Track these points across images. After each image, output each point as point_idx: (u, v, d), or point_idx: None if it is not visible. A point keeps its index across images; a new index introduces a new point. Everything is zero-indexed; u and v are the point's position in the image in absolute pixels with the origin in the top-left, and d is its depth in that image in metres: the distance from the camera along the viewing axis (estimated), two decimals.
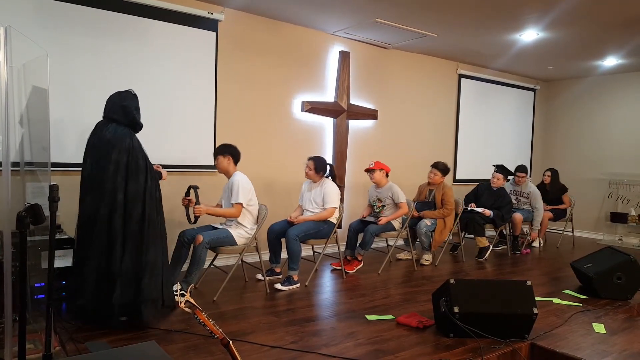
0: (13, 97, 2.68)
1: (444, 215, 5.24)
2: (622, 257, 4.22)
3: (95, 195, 3.09)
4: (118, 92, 3.32)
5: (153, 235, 3.18)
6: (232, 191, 3.94)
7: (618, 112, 7.53)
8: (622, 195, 7.38)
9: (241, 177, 4.02)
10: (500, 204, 5.75)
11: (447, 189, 5.33)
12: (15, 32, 2.33)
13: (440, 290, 3.23)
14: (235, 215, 3.92)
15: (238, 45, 4.98)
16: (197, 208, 3.74)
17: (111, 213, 3.05)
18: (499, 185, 5.85)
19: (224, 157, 4.03)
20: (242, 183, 3.96)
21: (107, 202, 3.06)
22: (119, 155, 3.12)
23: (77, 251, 3.21)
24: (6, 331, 2.29)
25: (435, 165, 5.39)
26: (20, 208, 1.94)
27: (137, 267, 3.09)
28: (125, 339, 2.92)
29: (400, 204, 4.93)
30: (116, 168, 3.10)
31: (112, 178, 3.08)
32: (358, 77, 5.96)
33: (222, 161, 4.03)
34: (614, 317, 3.63)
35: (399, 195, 4.93)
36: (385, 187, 5.01)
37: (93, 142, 3.23)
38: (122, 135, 3.17)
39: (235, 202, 3.90)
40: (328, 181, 4.56)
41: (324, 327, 3.27)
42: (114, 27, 4.22)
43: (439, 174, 5.36)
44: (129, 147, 3.16)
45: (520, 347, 3.00)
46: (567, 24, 5.02)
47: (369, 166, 5.04)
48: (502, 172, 5.86)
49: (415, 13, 4.80)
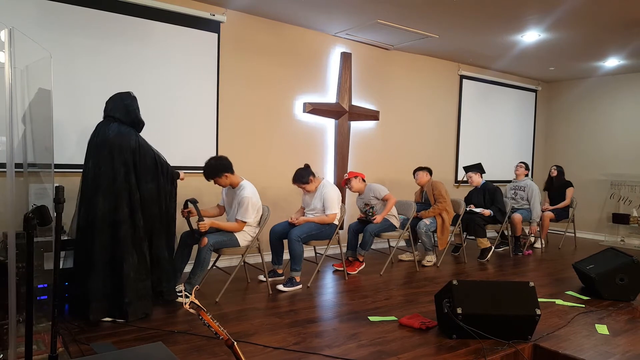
0: (17, 99, 2.69)
1: (440, 210, 5.23)
2: (625, 258, 4.22)
3: (107, 198, 3.12)
4: (119, 93, 3.35)
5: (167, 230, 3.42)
6: (241, 207, 3.87)
7: (620, 113, 7.53)
8: (624, 196, 7.38)
9: (250, 191, 3.90)
10: (491, 199, 5.75)
11: (436, 183, 5.36)
12: (19, 33, 2.34)
13: (443, 292, 3.23)
14: (239, 230, 3.91)
15: (240, 46, 4.98)
16: (202, 225, 3.69)
17: (132, 213, 3.18)
18: (477, 182, 5.88)
19: (221, 178, 3.89)
20: (252, 200, 3.87)
21: (125, 203, 3.15)
22: (127, 156, 3.15)
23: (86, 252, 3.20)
24: (10, 332, 2.29)
25: (416, 170, 5.52)
26: (24, 209, 1.94)
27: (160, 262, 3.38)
28: (129, 340, 2.92)
29: (385, 197, 4.91)
30: (127, 170, 3.16)
31: (126, 179, 3.14)
32: (360, 78, 5.97)
33: (222, 182, 3.91)
34: (616, 318, 3.63)
35: (380, 190, 4.93)
36: (366, 191, 5.01)
37: (95, 142, 3.23)
38: (127, 135, 3.19)
39: (243, 219, 3.87)
40: (326, 184, 4.54)
41: (326, 328, 3.27)
42: (117, 28, 4.23)
43: (420, 173, 5.46)
44: (135, 147, 3.19)
45: (523, 348, 3.00)
46: (569, 25, 5.03)
47: (344, 178, 5.07)
48: (471, 170, 5.91)
49: (416, 14, 4.81)
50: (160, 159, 3.37)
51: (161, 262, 3.39)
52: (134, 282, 3.19)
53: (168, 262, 3.46)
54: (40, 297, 3.06)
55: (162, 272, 3.41)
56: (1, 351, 2.46)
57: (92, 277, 3.13)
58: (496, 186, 5.84)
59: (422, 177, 5.46)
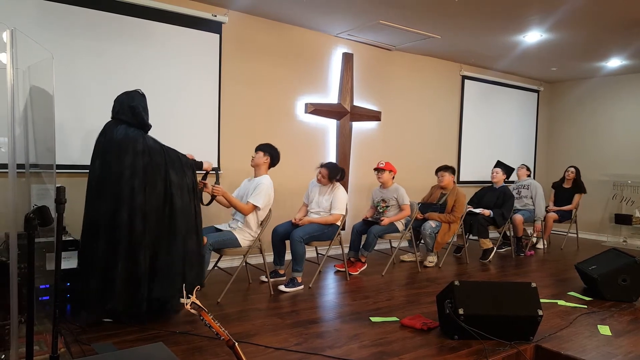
0: (18, 99, 2.69)
1: (450, 221, 5.22)
2: (627, 258, 4.21)
3: (110, 199, 3.07)
4: (126, 92, 3.29)
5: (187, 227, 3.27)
6: (255, 190, 3.94)
7: (622, 113, 7.51)
8: (627, 197, 7.36)
9: (269, 182, 4.03)
10: (502, 202, 5.73)
11: (461, 196, 5.31)
12: (21, 34, 2.34)
13: (445, 292, 3.22)
14: (247, 211, 3.91)
15: (242, 47, 4.99)
16: (216, 187, 3.76)
17: (131, 217, 3.06)
18: (498, 179, 5.85)
19: (264, 155, 4.07)
20: (267, 188, 3.97)
21: (128, 207, 3.05)
22: (133, 159, 3.09)
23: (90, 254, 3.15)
24: (12, 333, 2.29)
25: (442, 169, 5.44)
26: (26, 210, 1.95)
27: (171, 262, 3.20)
28: (130, 341, 2.92)
29: (403, 206, 4.93)
30: (132, 172, 3.08)
31: (128, 183, 3.06)
32: (361, 78, 5.96)
33: (260, 157, 4.07)
34: (619, 319, 3.62)
35: (404, 197, 4.93)
36: (391, 189, 5.01)
37: (102, 143, 3.19)
38: (135, 137, 3.14)
39: (253, 202, 3.91)
40: (339, 186, 4.55)
41: (328, 329, 3.27)
42: (119, 29, 4.23)
43: (446, 175, 5.39)
44: (143, 149, 3.13)
45: (525, 349, 2.99)
46: (571, 25, 5.02)
47: (378, 165, 5.02)
48: (500, 167, 5.88)
49: (418, 15, 4.81)
50: (176, 154, 3.30)
51: (166, 271, 3.18)
52: (122, 290, 3.05)
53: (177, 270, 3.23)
54: (42, 297, 3.07)
55: (166, 282, 3.18)
56: (3, 352, 2.47)
57: (89, 280, 3.11)
58: (512, 194, 5.87)
59: (448, 180, 5.40)
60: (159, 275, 3.17)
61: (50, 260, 3.01)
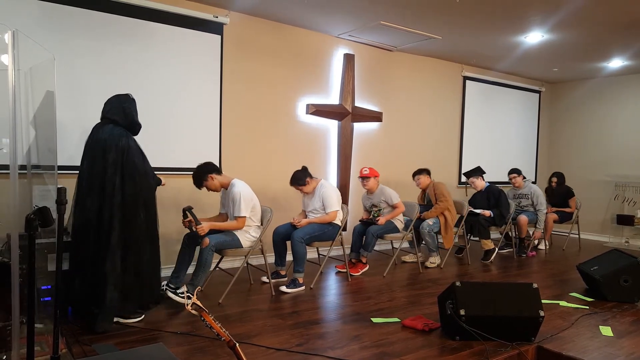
0: (20, 101, 2.70)
1: (442, 209, 5.23)
2: (629, 259, 4.20)
3: (95, 198, 3.08)
4: (117, 95, 3.32)
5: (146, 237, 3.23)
6: (235, 204, 3.89)
7: (624, 113, 7.50)
8: (629, 198, 7.34)
9: (241, 187, 3.94)
10: (496, 202, 5.72)
11: (437, 184, 5.38)
12: (22, 35, 2.35)
13: (446, 293, 3.22)
14: (240, 227, 3.90)
15: (243, 48, 4.99)
16: (199, 228, 3.70)
17: (112, 216, 3.06)
18: (477, 185, 5.85)
19: (208, 181, 3.92)
20: (243, 194, 3.89)
21: (108, 206, 3.06)
22: (115, 156, 3.11)
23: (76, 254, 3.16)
24: (13, 333, 2.30)
25: (417, 172, 5.51)
26: (28, 211, 1.95)
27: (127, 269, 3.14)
28: (131, 341, 2.93)
29: (395, 205, 4.91)
30: (114, 170, 3.10)
31: (111, 180, 3.08)
32: (363, 79, 5.97)
33: (210, 184, 3.93)
34: (620, 320, 3.61)
35: (392, 196, 4.91)
36: (377, 193, 5.00)
37: (90, 143, 3.22)
38: (118, 135, 3.15)
39: (239, 215, 3.87)
40: (324, 184, 4.54)
41: (329, 329, 3.27)
42: (120, 30, 4.24)
43: (421, 177, 5.46)
44: (124, 147, 3.14)
45: (527, 350, 2.99)
46: (572, 25, 5.01)
47: (362, 173, 4.97)
48: (472, 175, 5.87)
49: (419, 15, 4.81)
50: (148, 164, 3.30)
51: (142, 274, 3.20)
52: (101, 292, 3.04)
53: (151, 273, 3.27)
54: (44, 298, 3.08)
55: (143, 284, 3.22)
56: (5, 352, 2.47)
57: (77, 280, 3.11)
58: (500, 189, 5.81)
59: (424, 181, 5.46)
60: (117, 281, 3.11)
61: (51, 261, 3.02)
